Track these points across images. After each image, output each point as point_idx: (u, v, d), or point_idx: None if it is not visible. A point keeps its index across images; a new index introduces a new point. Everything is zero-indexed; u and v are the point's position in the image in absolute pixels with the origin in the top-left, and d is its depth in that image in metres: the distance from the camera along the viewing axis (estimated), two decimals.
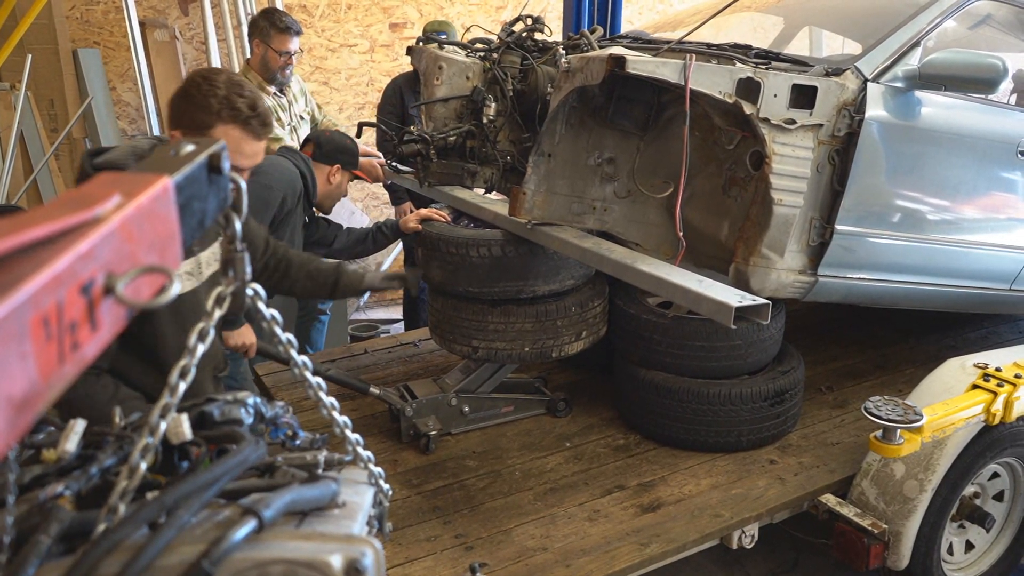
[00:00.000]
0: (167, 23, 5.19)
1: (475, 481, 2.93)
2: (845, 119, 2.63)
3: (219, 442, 1.10)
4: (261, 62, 3.98)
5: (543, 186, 2.76)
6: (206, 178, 0.89)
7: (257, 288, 1.03)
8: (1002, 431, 2.81)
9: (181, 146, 0.89)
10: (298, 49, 4.05)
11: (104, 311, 0.67)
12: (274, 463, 1.16)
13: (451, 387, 3.26)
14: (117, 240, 0.69)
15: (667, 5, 6.95)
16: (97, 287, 0.67)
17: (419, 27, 5.83)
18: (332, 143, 3.31)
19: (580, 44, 3.11)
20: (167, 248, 0.79)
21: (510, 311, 3.01)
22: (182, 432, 1.04)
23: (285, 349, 1.15)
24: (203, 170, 0.88)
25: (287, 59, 3.98)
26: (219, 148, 0.90)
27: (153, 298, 0.73)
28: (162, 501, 0.90)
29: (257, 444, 1.09)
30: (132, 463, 0.92)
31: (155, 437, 0.92)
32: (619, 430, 3.27)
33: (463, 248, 2.97)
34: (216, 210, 0.92)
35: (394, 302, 6.44)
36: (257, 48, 3.98)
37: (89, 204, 0.70)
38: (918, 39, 2.86)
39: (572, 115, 2.70)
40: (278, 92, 4.07)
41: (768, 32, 3.94)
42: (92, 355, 0.66)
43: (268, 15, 4.03)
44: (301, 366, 1.19)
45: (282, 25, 3.94)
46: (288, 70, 4.03)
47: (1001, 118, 3.24)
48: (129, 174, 0.79)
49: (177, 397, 0.94)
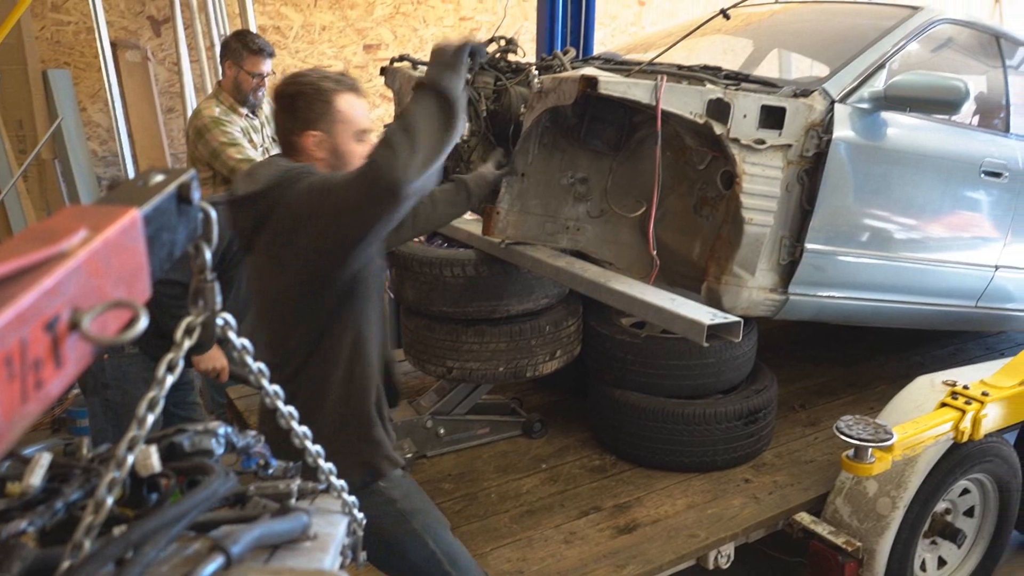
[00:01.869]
0: (139, 44, 5.16)
1: (450, 504, 2.90)
2: (813, 139, 2.67)
3: (189, 473, 1.08)
4: (233, 84, 3.95)
5: (516, 206, 2.77)
6: (175, 208, 0.88)
7: (228, 318, 1.02)
8: (971, 448, 2.84)
9: (150, 176, 0.88)
10: (271, 71, 4.03)
11: (69, 348, 0.66)
12: (246, 493, 1.15)
13: (426, 409, 3.24)
14: (83, 275, 0.68)
15: (639, 28, 7.02)
16: (62, 323, 0.65)
17: (393, 49, 5.84)
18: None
19: (553, 65, 3.13)
20: (135, 281, 0.78)
21: (484, 331, 3.01)
22: (151, 464, 1.02)
23: (256, 379, 1.14)
24: (172, 200, 0.87)
25: (259, 81, 3.96)
26: (189, 178, 0.89)
27: (120, 333, 0.72)
28: (129, 537, 0.88)
29: (227, 475, 1.07)
30: (98, 497, 0.90)
31: (122, 470, 0.90)
32: (594, 451, 3.27)
33: (437, 268, 2.96)
34: (186, 240, 0.91)
35: None
36: (229, 70, 3.96)
37: (54, 239, 0.69)
38: (883, 61, 2.91)
39: (545, 135, 2.71)
40: (250, 114, 4.05)
41: (738, 55, 3.98)
42: (57, 393, 0.65)
43: (240, 36, 4.01)
44: (272, 395, 1.17)
45: (254, 47, 3.92)
46: (260, 92, 4.01)
47: (964, 139, 3.30)
48: (96, 206, 0.78)
49: (145, 429, 0.92)
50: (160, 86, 5.27)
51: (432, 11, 6.10)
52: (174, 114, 5.34)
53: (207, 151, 3.83)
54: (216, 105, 3.91)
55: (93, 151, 5.12)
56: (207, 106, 3.92)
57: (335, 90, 1.97)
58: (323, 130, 1.96)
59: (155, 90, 5.21)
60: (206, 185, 3.92)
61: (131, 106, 5.10)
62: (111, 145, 5.14)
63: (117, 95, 4.90)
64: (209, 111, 3.87)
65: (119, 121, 4.91)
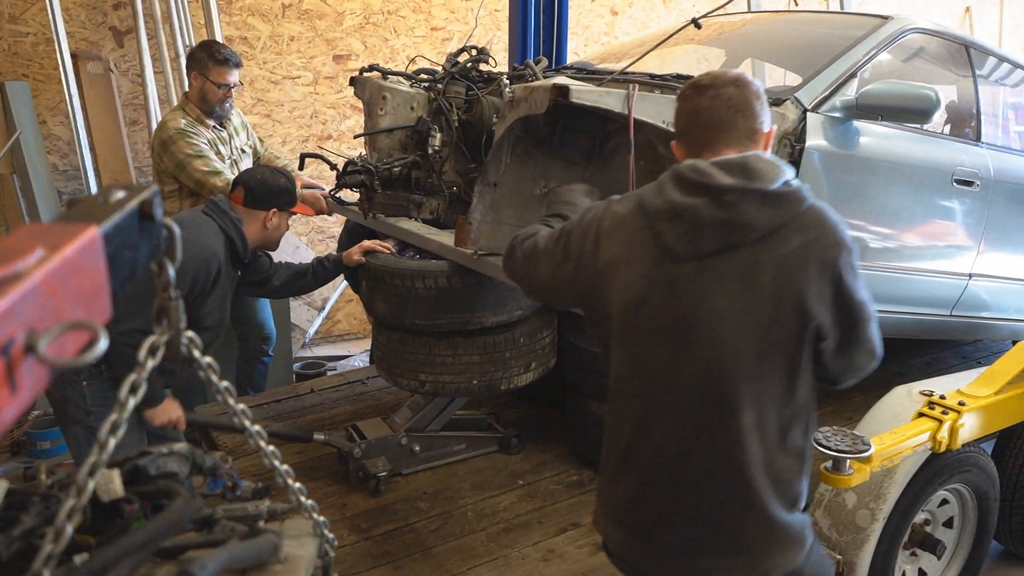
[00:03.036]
0: (101, 55, 5.11)
1: (426, 524, 2.89)
2: (786, 148, 2.69)
3: (153, 498, 1.06)
4: (199, 95, 3.92)
5: (489, 216, 2.77)
6: (137, 226, 0.87)
7: (193, 336, 1.01)
8: (948, 458, 2.86)
9: (111, 193, 0.87)
10: (238, 82, 4.01)
11: (25, 372, 0.65)
12: (213, 516, 1.13)
13: (401, 426, 3.22)
14: (40, 296, 0.67)
15: (612, 37, 7.07)
16: (17, 346, 0.64)
17: (364, 59, 5.84)
18: (264, 186, 3.10)
19: (525, 74, 3.15)
20: (95, 301, 0.77)
21: (457, 343, 2.99)
22: (114, 489, 1.00)
23: (224, 397, 1.12)
24: (134, 218, 0.86)
25: (226, 92, 3.93)
26: (151, 194, 0.88)
27: (78, 356, 0.70)
28: (91, 566, 0.86)
29: (194, 498, 1.05)
30: (58, 525, 0.88)
31: (82, 498, 0.89)
32: (572, 466, 3.27)
33: (409, 280, 2.95)
34: (148, 258, 0.90)
35: (342, 338, 6.37)
36: (195, 81, 3.93)
37: (10, 258, 0.67)
38: (855, 70, 2.95)
39: (517, 145, 2.71)
40: (217, 126, 4.01)
41: (712, 64, 4.02)
42: (11, 419, 0.63)
43: (206, 47, 3.98)
44: (240, 414, 1.16)
45: (220, 57, 3.89)
46: (227, 103, 3.98)
47: (936, 148, 3.35)
48: (54, 224, 0.77)
49: (107, 454, 0.90)
50: (123, 98, 5.22)
51: (403, 21, 6.10)
52: (138, 126, 5.29)
53: (172, 163, 3.80)
54: (182, 117, 3.88)
55: (53, 165, 5.06)
56: (172, 118, 3.89)
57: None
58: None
59: (118, 102, 5.16)
60: (172, 198, 3.88)
61: (93, 119, 5.05)
62: (72, 159, 5.08)
63: (78, 107, 4.85)
64: (175, 123, 3.84)
65: (80, 134, 4.86)
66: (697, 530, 1.70)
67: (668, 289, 1.65)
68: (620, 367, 1.76)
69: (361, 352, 5.97)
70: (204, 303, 2.90)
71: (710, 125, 1.70)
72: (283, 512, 1.26)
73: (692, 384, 1.65)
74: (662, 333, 1.67)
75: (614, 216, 1.74)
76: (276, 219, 3.13)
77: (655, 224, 1.66)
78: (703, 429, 1.66)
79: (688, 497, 1.70)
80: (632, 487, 1.75)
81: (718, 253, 1.62)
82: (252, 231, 3.06)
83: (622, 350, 1.74)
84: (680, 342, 1.66)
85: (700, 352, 1.64)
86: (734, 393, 1.63)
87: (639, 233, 1.68)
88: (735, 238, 1.61)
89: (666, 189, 1.67)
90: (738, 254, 1.62)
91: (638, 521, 1.75)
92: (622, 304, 1.69)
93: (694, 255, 1.63)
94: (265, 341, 4.31)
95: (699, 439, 1.67)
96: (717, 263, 1.62)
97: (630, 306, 1.69)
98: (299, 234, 6.02)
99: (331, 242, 6.20)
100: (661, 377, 1.68)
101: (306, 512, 1.28)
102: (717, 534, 1.70)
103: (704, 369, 1.64)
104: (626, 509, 1.77)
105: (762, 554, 1.70)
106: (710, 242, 1.62)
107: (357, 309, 6.23)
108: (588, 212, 1.82)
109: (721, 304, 1.62)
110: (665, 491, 1.71)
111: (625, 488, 1.76)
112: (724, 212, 1.60)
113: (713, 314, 1.62)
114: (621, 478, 1.77)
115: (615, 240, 1.72)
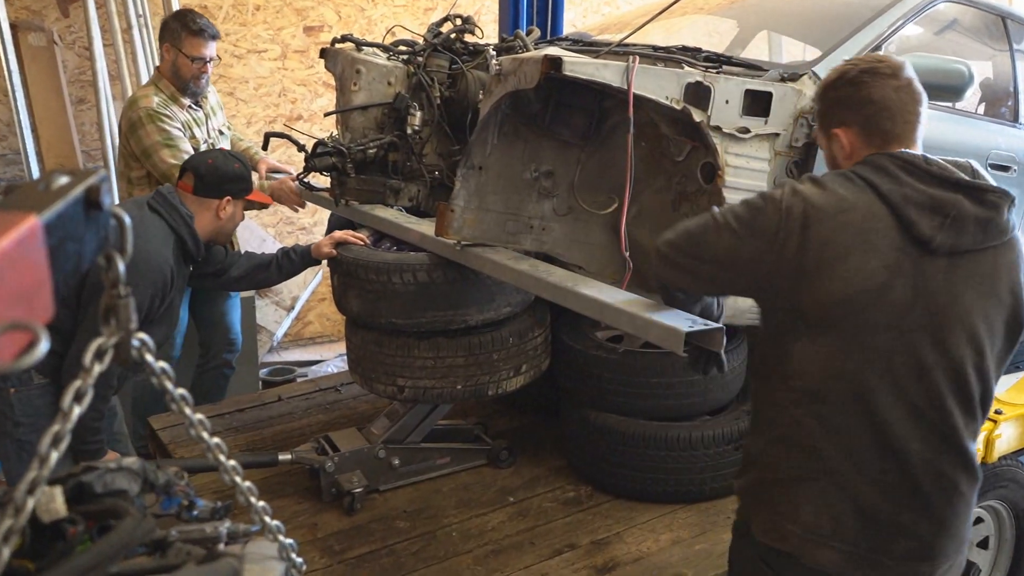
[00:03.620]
0: (44, 26, 5.09)
1: (406, 545, 2.89)
2: (803, 128, 2.70)
3: (100, 518, 1.06)
4: (172, 69, 3.87)
5: (474, 202, 2.77)
6: (83, 215, 0.87)
7: (145, 338, 1.01)
8: (984, 472, 2.87)
9: (53, 178, 0.87)
10: (215, 55, 3.97)
11: None
12: (166, 539, 1.13)
13: (378, 437, 3.23)
14: None
15: (613, 7, 7.07)
16: None
17: (337, 31, 5.82)
18: (216, 172, 3.09)
19: (514, 46, 3.15)
20: (35, 299, 0.77)
21: (439, 344, 3.00)
22: (55, 508, 1.00)
23: (179, 407, 1.12)
24: (79, 206, 0.86)
25: (201, 66, 3.88)
26: (98, 180, 0.88)
27: (17, 359, 0.70)
28: None
29: (145, 518, 1.06)
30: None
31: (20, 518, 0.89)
32: (568, 481, 3.28)
33: (385, 274, 2.95)
34: (95, 251, 0.90)
35: (314, 342, 6.37)
36: (167, 53, 3.88)
37: None
38: (879, 43, 2.97)
39: (505, 123, 2.72)
40: (193, 105, 3.98)
41: (723, 37, 4.04)
42: None
43: (179, 17, 3.95)
44: (197, 425, 1.16)
45: (195, 27, 3.84)
46: (203, 79, 3.94)
47: (969, 129, 3.37)
48: None
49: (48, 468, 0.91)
50: (69, 73, 5.21)
51: None
52: (86, 105, 5.28)
53: (139, 148, 3.75)
54: (155, 94, 3.83)
55: None
56: (144, 95, 3.84)
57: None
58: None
59: (63, 78, 5.14)
60: (142, 185, 3.87)
61: (35, 96, 5.03)
62: (11, 141, 5.06)
63: (18, 84, 4.83)
64: (146, 101, 3.79)
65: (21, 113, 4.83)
66: (935, 537, 1.83)
67: (917, 283, 1.73)
68: (832, 361, 1.78)
69: (335, 357, 5.98)
70: (156, 313, 2.90)
71: (902, 118, 1.82)
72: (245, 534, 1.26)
73: (944, 383, 1.76)
74: (911, 329, 1.74)
75: (831, 196, 1.77)
76: (230, 208, 3.11)
77: (904, 212, 1.73)
78: (950, 430, 1.79)
79: (936, 501, 1.81)
80: (867, 497, 1.80)
81: (971, 251, 1.75)
82: (203, 222, 3.05)
83: (839, 342, 1.77)
84: (933, 339, 1.74)
85: (955, 351, 1.75)
86: (976, 393, 1.80)
87: (875, 221, 1.74)
88: (989, 238, 1.76)
89: (902, 178, 1.75)
90: (985, 255, 1.77)
91: (874, 534, 1.81)
92: (851, 293, 1.73)
93: (951, 250, 1.73)
94: (230, 347, 4.28)
95: (947, 441, 1.79)
96: (969, 261, 1.76)
97: (865, 296, 1.73)
98: (266, 225, 6.01)
99: (301, 235, 6.19)
100: (906, 374, 1.75)
101: (271, 533, 1.28)
102: (951, 538, 1.84)
103: (956, 368, 1.76)
104: (854, 521, 1.81)
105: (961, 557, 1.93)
106: (969, 239, 1.74)
107: (330, 309, 6.22)
108: (775, 191, 1.86)
109: (971, 302, 1.76)
110: (909, 498, 1.80)
111: (855, 500, 1.81)
112: (987, 211, 1.74)
113: (966, 313, 1.75)
114: (851, 492, 1.81)
115: (837, 223, 1.75)
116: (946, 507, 1.82)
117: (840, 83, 1.87)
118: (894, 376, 1.75)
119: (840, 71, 1.89)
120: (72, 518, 1.03)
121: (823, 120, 1.95)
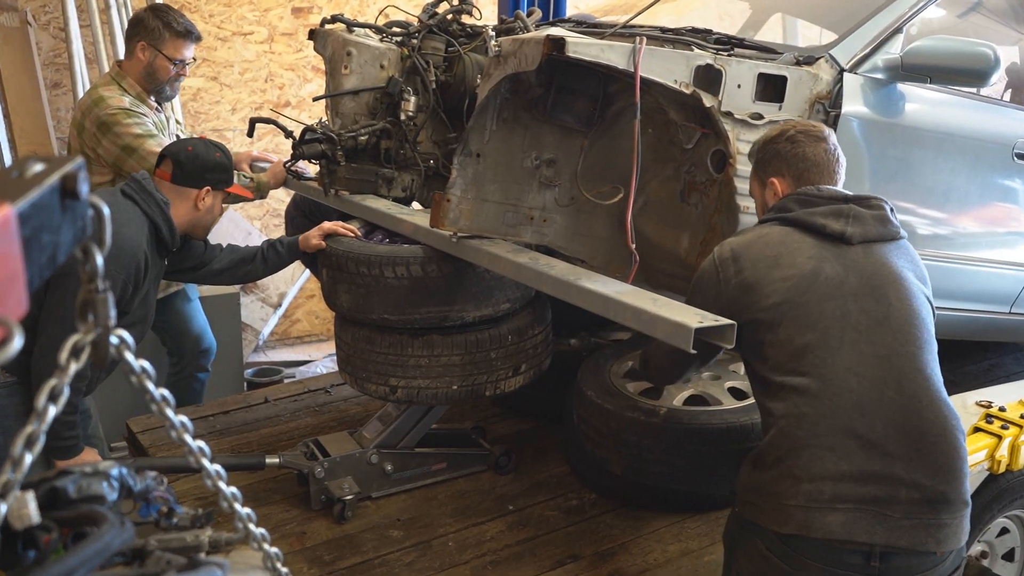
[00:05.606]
0: (16, 5, 5.10)
1: (399, 556, 2.89)
2: (819, 114, 2.71)
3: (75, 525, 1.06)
4: (146, 70, 3.74)
5: (471, 192, 2.78)
6: (58, 205, 0.86)
7: (124, 335, 1.01)
8: (1010, 480, 2.87)
9: (27, 166, 0.87)
10: (192, 58, 3.93)
11: None
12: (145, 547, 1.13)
13: (370, 441, 3.23)
14: None
15: None
16: None
17: (327, 12, 5.83)
18: (197, 160, 3.04)
19: (514, 27, 3.16)
20: (7, 293, 0.76)
21: (434, 342, 3.00)
22: (27, 514, 1.00)
23: (159, 408, 1.12)
24: (55, 195, 0.85)
25: (180, 69, 3.82)
26: (75, 168, 0.88)
27: None
28: None
29: (123, 525, 1.05)
30: None
31: None
32: (571, 489, 3.28)
33: (377, 267, 2.96)
34: (72, 242, 0.89)
35: (302, 341, 6.37)
36: (142, 52, 3.74)
37: None
38: (900, 25, 2.97)
39: (505, 108, 2.72)
40: (159, 108, 3.93)
41: (735, 20, 4.05)
42: None
43: (160, 15, 3.79)
44: (179, 427, 1.15)
45: (180, 28, 3.74)
46: (179, 82, 3.89)
47: (994, 116, 3.37)
48: None
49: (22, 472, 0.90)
50: (43, 56, 5.21)
51: None
52: (61, 89, 5.28)
53: (117, 146, 3.60)
54: (122, 94, 3.70)
55: None
56: (112, 95, 3.67)
57: None
58: None
59: (37, 61, 5.15)
60: None
61: (7, 80, 5.04)
62: None
63: None
64: (116, 100, 3.63)
65: None
66: (933, 481, 1.98)
67: (844, 263, 2.10)
68: (796, 340, 2.06)
69: (324, 357, 5.98)
70: (131, 304, 2.89)
71: (828, 175, 2.27)
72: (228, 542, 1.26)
73: (901, 327, 2.06)
74: (851, 293, 2.07)
75: (749, 233, 2.24)
76: (209, 199, 3.08)
77: (813, 222, 2.13)
78: (920, 368, 2.05)
79: (923, 446, 1.99)
80: (857, 455, 1.97)
81: (879, 241, 2.16)
82: (180, 213, 3.02)
83: (795, 324, 2.06)
84: (875, 296, 2.08)
85: (897, 301, 2.08)
86: (929, 323, 2.13)
87: (792, 235, 2.15)
88: (889, 233, 2.18)
89: (805, 204, 2.18)
90: (893, 245, 2.19)
91: (874, 490, 1.96)
92: (790, 285, 2.08)
93: (863, 238, 2.12)
94: (204, 355, 4.23)
95: (917, 379, 2.04)
96: (881, 247, 2.16)
97: (803, 282, 2.07)
98: (252, 218, 6.02)
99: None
100: (865, 328, 2.05)
101: (255, 542, 1.27)
102: (949, 481, 1.99)
103: (907, 311, 2.08)
104: (850, 481, 1.96)
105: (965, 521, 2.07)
106: (873, 230, 2.14)
107: (319, 307, 6.23)
108: (701, 275, 2.25)
109: (894, 265, 2.14)
110: (897, 447, 1.99)
111: (849, 460, 1.97)
112: (877, 211, 2.17)
113: (895, 272, 2.12)
114: (842, 452, 1.97)
115: (761, 243, 2.16)
116: (934, 448, 1.99)
117: (780, 139, 2.28)
118: (854, 334, 2.03)
119: (780, 130, 2.31)
120: (46, 525, 1.03)
121: (761, 169, 2.33)
